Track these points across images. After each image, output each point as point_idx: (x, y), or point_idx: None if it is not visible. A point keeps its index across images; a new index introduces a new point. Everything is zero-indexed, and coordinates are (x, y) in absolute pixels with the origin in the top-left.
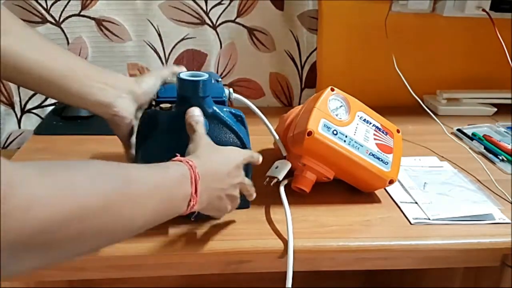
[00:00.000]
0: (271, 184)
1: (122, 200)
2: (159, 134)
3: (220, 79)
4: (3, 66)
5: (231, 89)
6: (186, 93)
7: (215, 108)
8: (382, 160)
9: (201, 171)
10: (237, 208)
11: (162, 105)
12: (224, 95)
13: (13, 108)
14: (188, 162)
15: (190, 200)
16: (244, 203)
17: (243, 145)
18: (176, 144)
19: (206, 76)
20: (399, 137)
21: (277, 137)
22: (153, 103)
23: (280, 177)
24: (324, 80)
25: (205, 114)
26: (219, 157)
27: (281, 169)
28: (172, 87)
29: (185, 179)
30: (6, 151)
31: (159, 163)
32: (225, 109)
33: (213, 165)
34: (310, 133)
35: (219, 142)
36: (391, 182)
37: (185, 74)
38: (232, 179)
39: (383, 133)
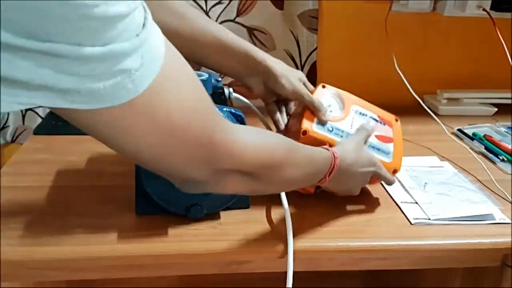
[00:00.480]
0: None
1: (292, 158)
2: None
3: (220, 79)
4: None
5: (231, 89)
6: None
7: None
8: (383, 151)
9: (340, 162)
10: (237, 208)
11: None
12: (224, 95)
13: None
14: (334, 153)
15: (322, 179)
16: (244, 203)
17: None
18: None
19: (206, 76)
20: (398, 125)
21: None
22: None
23: None
24: (324, 80)
25: None
26: (357, 155)
27: None
28: None
29: (327, 163)
30: (15, 145)
31: (316, 147)
32: (225, 109)
33: (349, 159)
34: (305, 132)
35: None
36: (394, 172)
37: None
38: (363, 171)
39: (381, 124)
